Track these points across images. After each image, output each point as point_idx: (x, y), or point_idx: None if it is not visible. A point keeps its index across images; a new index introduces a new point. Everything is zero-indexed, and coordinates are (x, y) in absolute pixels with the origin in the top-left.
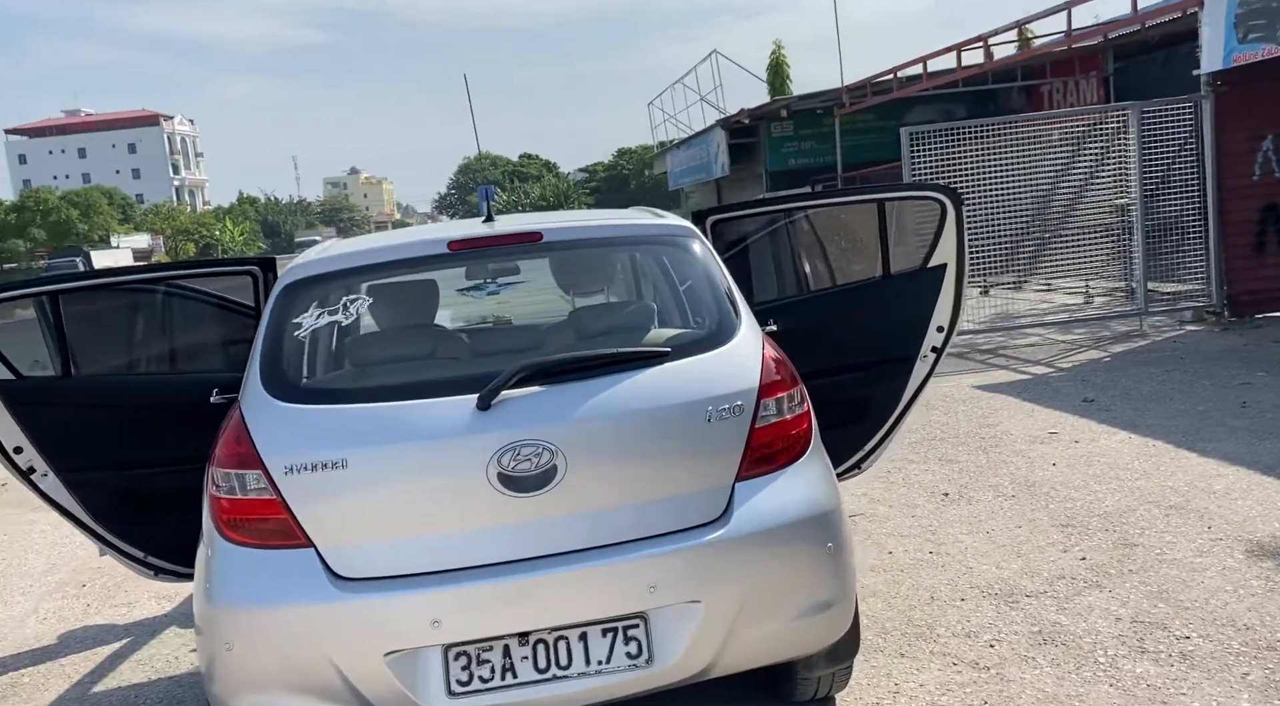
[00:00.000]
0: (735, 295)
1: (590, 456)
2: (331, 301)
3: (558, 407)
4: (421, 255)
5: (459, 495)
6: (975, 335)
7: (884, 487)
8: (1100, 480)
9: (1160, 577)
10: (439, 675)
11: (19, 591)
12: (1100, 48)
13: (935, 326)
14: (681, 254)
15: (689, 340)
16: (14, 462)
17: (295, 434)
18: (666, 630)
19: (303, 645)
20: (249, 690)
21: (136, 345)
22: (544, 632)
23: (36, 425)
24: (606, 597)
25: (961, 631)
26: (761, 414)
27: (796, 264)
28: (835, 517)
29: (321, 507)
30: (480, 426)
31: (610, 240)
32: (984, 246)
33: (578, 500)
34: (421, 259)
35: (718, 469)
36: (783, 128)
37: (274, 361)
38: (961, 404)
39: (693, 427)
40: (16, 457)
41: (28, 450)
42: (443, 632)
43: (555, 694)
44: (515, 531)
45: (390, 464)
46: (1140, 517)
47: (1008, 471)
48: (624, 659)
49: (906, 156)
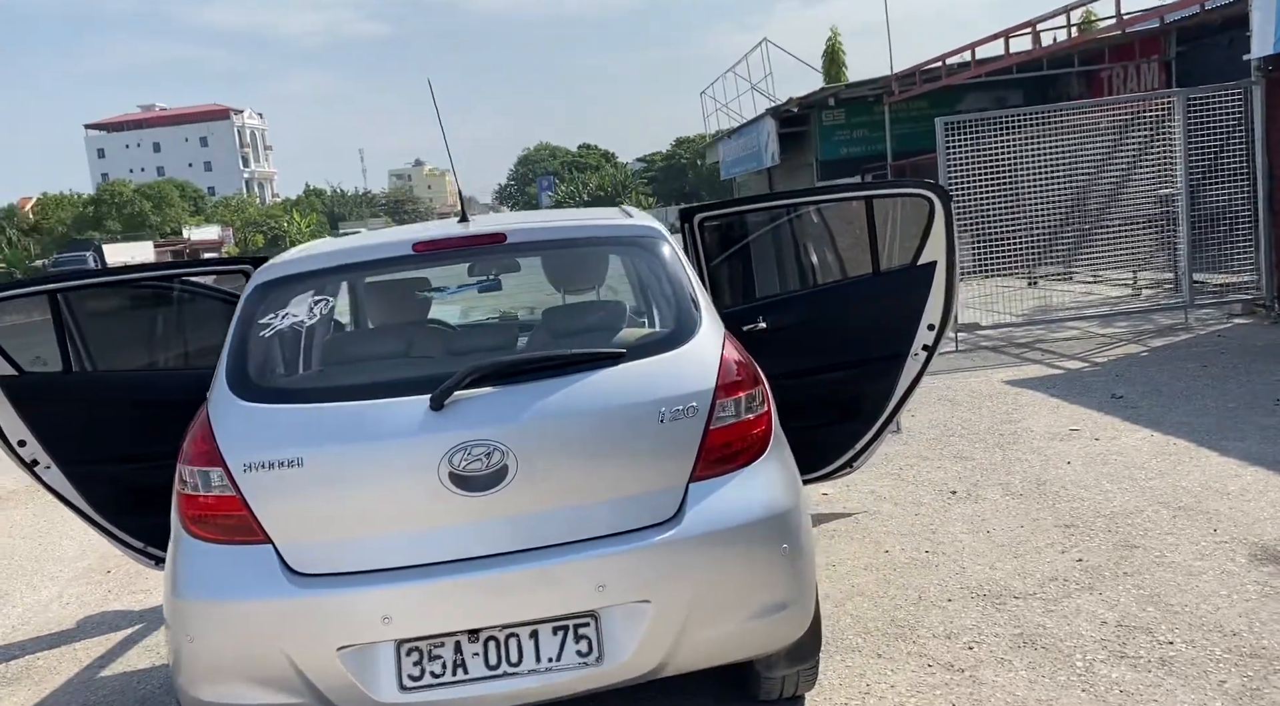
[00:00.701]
0: (698, 296)
1: (541, 457)
2: (297, 302)
3: (509, 408)
4: (387, 257)
5: (411, 494)
6: (1014, 328)
7: (893, 485)
8: (1113, 479)
9: (1155, 581)
10: (391, 670)
11: (49, 576)
12: (1160, 31)
13: (926, 324)
14: (645, 254)
15: (646, 341)
16: (18, 455)
17: (254, 433)
18: (617, 629)
19: (259, 638)
20: (209, 681)
21: (140, 342)
22: (495, 630)
23: (39, 419)
24: (555, 596)
25: (943, 632)
26: (717, 415)
27: (787, 261)
28: (792, 518)
29: (279, 505)
30: (432, 427)
31: (574, 241)
32: (1022, 238)
33: (528, 500)
34: (387, 260)
35: (671, 469)
36: (834, 116)
37: (240, 361)
38: (988, 399)
39: (645, 428)
40: (20, 450)
41: (31, 443)
42: (394, 628)
43: (506, 690)
44: (466, 530)
45: (344, 463)
46: (1147, 519)
47: (1020, 469)
48: (574, 657)
49: (941, 147)
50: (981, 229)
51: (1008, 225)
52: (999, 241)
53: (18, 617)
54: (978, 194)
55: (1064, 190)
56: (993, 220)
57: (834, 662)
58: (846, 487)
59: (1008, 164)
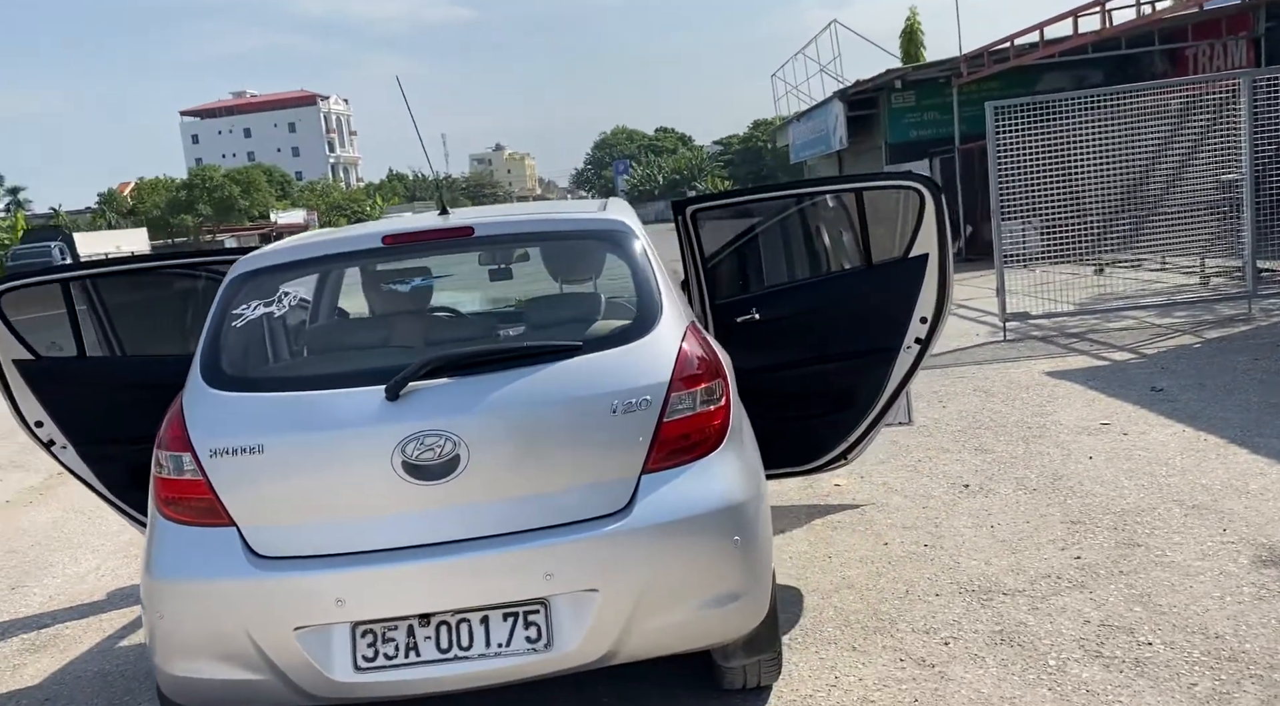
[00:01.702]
0: (662, 290)
1: (492, 447)
2: (269, 293)
3: (463, 399)
4: (358, 249)
5: (366, 481)
6: (1068, 318)
7: (907, 477)
8: (1132, 475)
9: (1148, 580)
10: (346, 650)
11: (91, 549)
12: (1249, 6)
13: (919, 317)
14: (611, 248)
15: (604, 334)
16: (36, 435)
17: (221, 419)
18: (566, 616)
19: (222, 617)
20: (179, 657)
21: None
22: (446, 614)
23: (54, 401)
24: (503, 584)
25: (922, 627)
26: (672, 407)
27: (781, 253)
28: (747, 510)
29: (242, 489)
30: (387, 416)
31: (540, 235)
32: (1076, 224)
33: (479, 489)
34: (358, 252)
35: (623, 461)
36: (904, 98)
37: (213, 350)
38: (1024, 390)
39: (597, 421)
40: (38, 431)
41: (48, 424)
42: (347, 611)
43: (456, 673)
44: (419, 518)
45: (302, 450)
46: (1157, 516)
47: (1040, 464)
48: (523, 642)
49: (991, 132)
50: (1032, 215)
51: (1059, 211)
52: (1052, 228)
53: (56, 588)
54: (1029, 179)
55: (1119, 176)
56: (1044, 206)
57: (808, 654)
58: (861, 479)
59: (1060, 149)
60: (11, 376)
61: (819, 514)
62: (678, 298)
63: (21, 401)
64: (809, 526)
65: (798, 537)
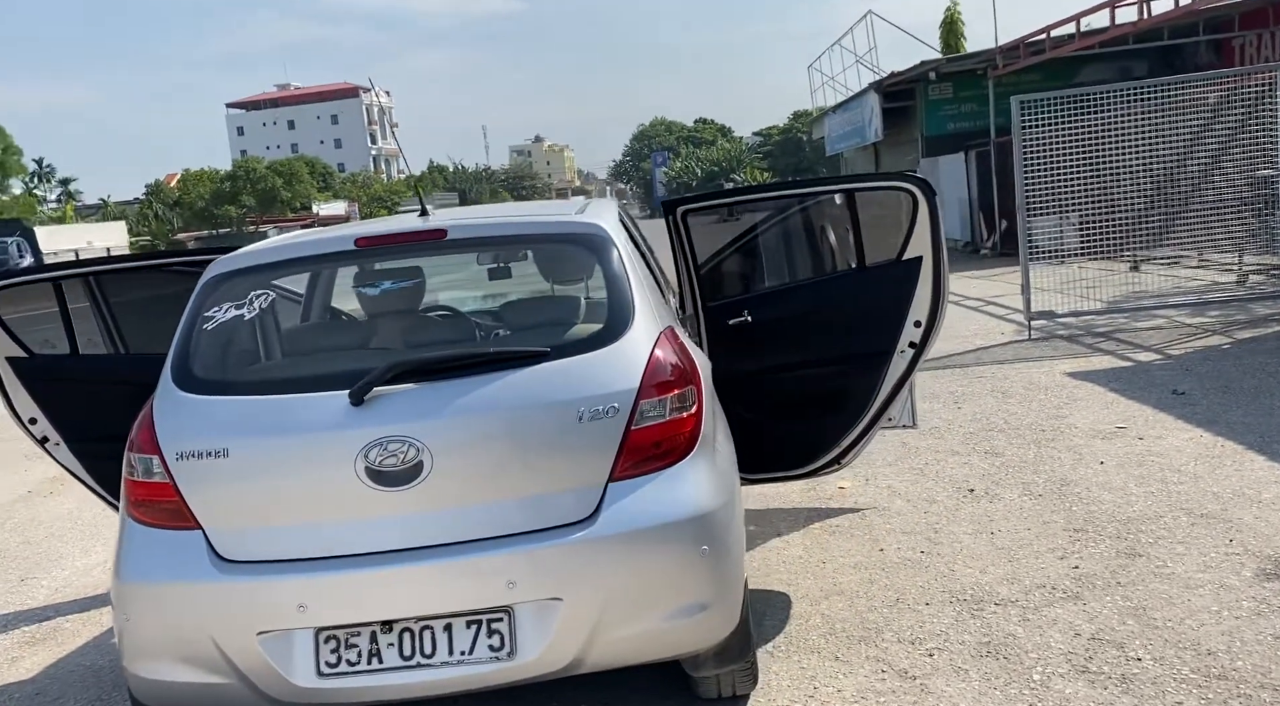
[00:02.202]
0: (634, 293)
1: (456, 454)
2: (240, 296)
3: (427, 405)
4: (329, 251)
5: (329, 487)
6: (1096, 317)
7: (912, 481)
8: (1142, 482)
9: (1146, 593)
10: (309, 656)
11: (103, 541)
12: None
13: (912, 321)
14: (585, 252)
15: (573, 339)
16: (30, 432)
17: (187, 423)
18: (529, 625)
19: (186, 620)
20: (145, 659)
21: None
22: (410, 622)
23: (47, 398)
24: (466, 592)
25: (908, 637)
26: (640, 415)
27: (774, 254)
28: (715, 519)
29: (207, 493)
30: (350, 422)
31: (513, 238)
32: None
33: (443, 496)
34: (330, 255)
35: (589, 469)
36: (941, 90)
37: (183, 353)
38: (1043, 392)
39: (563, 428)
40: (32, 427)
41: (41, 421)
42: (309, 617)
43: (419, 681)
44: (382, 524)
45: (266, 454)
46: (1163, 525)
47: (1049, 468)
48: (486, 651)
49: (1016, 126)
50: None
51: (1093, 207)
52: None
53: (63, 580)
54: (1061, 174)
55: (1151, 171)
56: (1075, 202)
57: (789, 663)
58: (866, 482)
59: (1091, 143)
60: (5, 373)
61: (819, 517)
62: (655, 301)
63: (15, 398)
64: (807, 530)
65: (794, 542)
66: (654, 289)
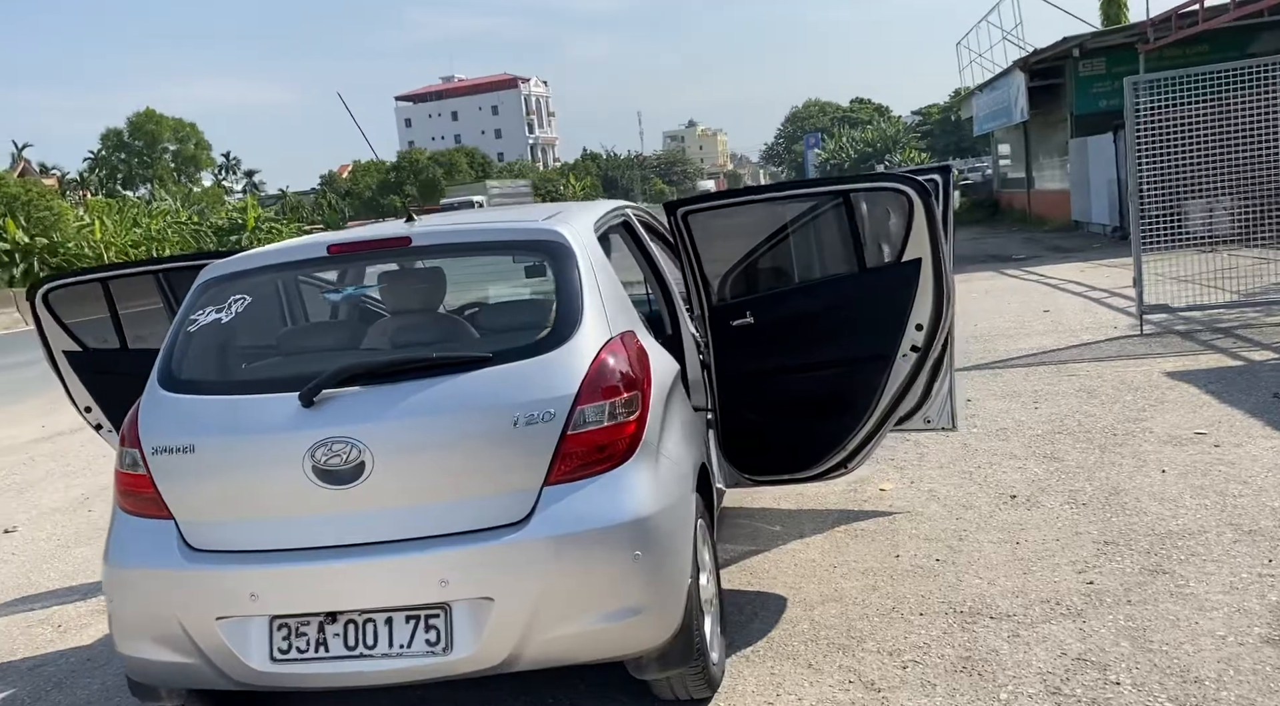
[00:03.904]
0: (585, 300)
1: (396, 455)
2: (221, 299)
3: (371, 408)
4: (305, 258)
5: (280, 484)
6: (1225, 310)
7: (956, 485)
8: (1199, 493)
9: (1153, 613)
10: (264, 641)
11: None
12: None
13: (914, 324)
14: (545, 259)
15: (518, 345)
16: (86, 419)
17: (163, 419)
18: (464, 622)
19: (158, 604)
20: (128, 638)
21: None
22: (354, 614)
23: (100, 389)
24: (402, 588)
25: (889, 648)
26: (577, 421)
27: (776, 256)
28: (650, 526)
29: (177, 485)
30: (300, 422)
31: (477, 245)
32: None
33: (383, 496)
34: (305, 261)
35: (525, 473)
36: (1092, 66)
37: (168, 353)
38: (1132, 392)
39: (498, 432)
40: (87, 416)
41: (95, 410)
42: (261, 605)
43: (360, 671)
44: (327, 520)
45: (226, 451)
46: (1202, 541)
47: (1104, 475)
48: (424, 645)
49: (1130, 110)
50: (1178, 198)
51: (1211, 194)
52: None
53: None
54: (1175, 159)
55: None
56: (1191, 189)
57: (762, 668)
58: (910, 484)
59: (1209, 128)
60: (63, 365)
61: (847, 519)
62: (617, 307)
63: (72, 388)
64: (829, 533)
65: (814, 544)
66: (617, 295)
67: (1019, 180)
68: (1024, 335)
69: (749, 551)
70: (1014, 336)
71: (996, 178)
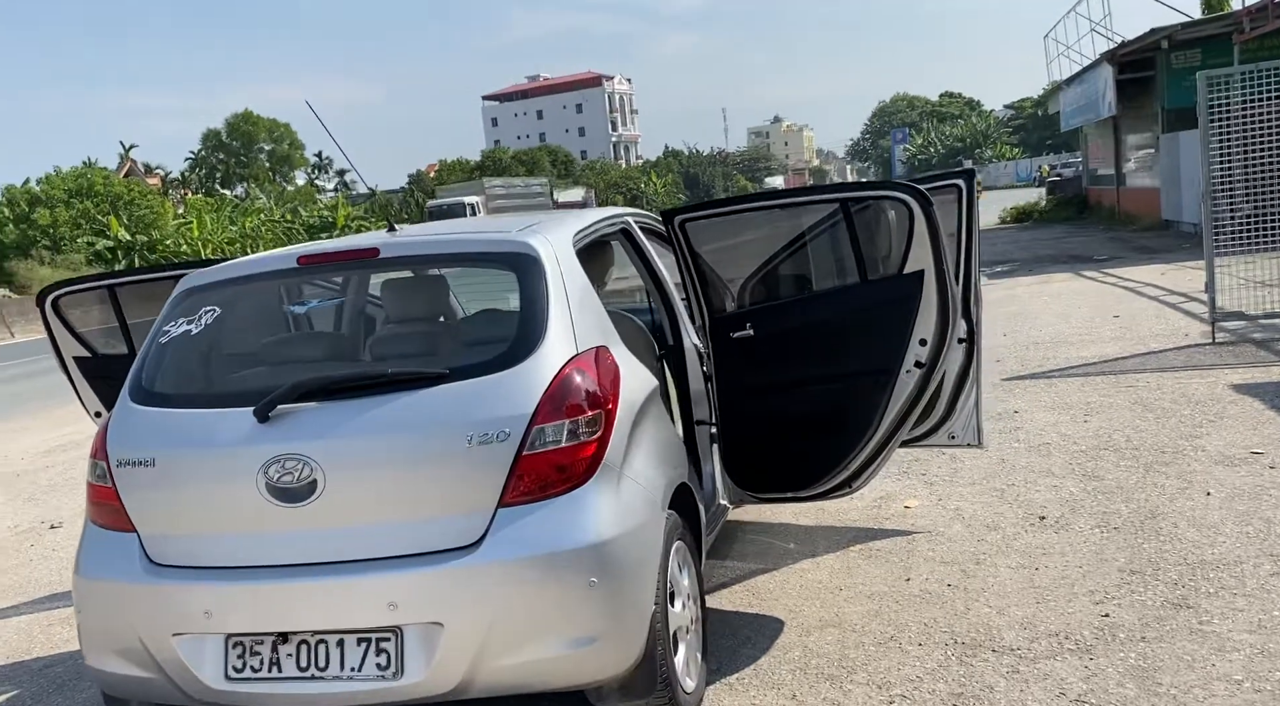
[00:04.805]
0: (550, 316)
1: (348, 474)
2: (192, 311)
3: (323, 425)
4: (276, 269)
5: (235, 500)
6: None
7: (986, 503)
8: (1243, 520)
9: (1168, 652)
10: (219, 659)
11: None
12: None
13: (918, 339)
14: (509, 272)
15: (477, 361)
16: (97, 425)
17: (128, 431)
18: (415, 647)
19: (120, 617)
20: (92, 650)
21: None
22: (306, 635)
23: (109, 394)
24: (351, 610)
25: (879, 681)
26: (533, 440)
27: (776, 266)
28: (608, 551)
29: (140, 498)
30: (255, 438)
31: (444, 257)
32: None
33: (334, 515)
34: (275, 272)
35: (478, 494)
36: (1186, 58)
37: (140, 364)
38: (1191, 406)
39: (452, 452)
40: (98, 421)
41: (105, 414)
42: (214, 623)
43: (311, 692)
44: (280, 539)
45: (182, 466)
46: (1235, 573)
47: (1144, 496)
48: (374, 669)
49: (1203, 105)
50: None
51: None
52: None
53: None
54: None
55: None
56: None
57: (743, 698)
58: (937, 502)
59: None
60: (73, 371)
61: (865, 538)
62: (587, 322)
63: (83, 393)
64: (843, 553)
65: (825, 564)
66: (592, 309)
67: (1108, 177)
68: (1089, 342)
69: (756, 570)
70: (1078, 343)
71: (1085, 174)
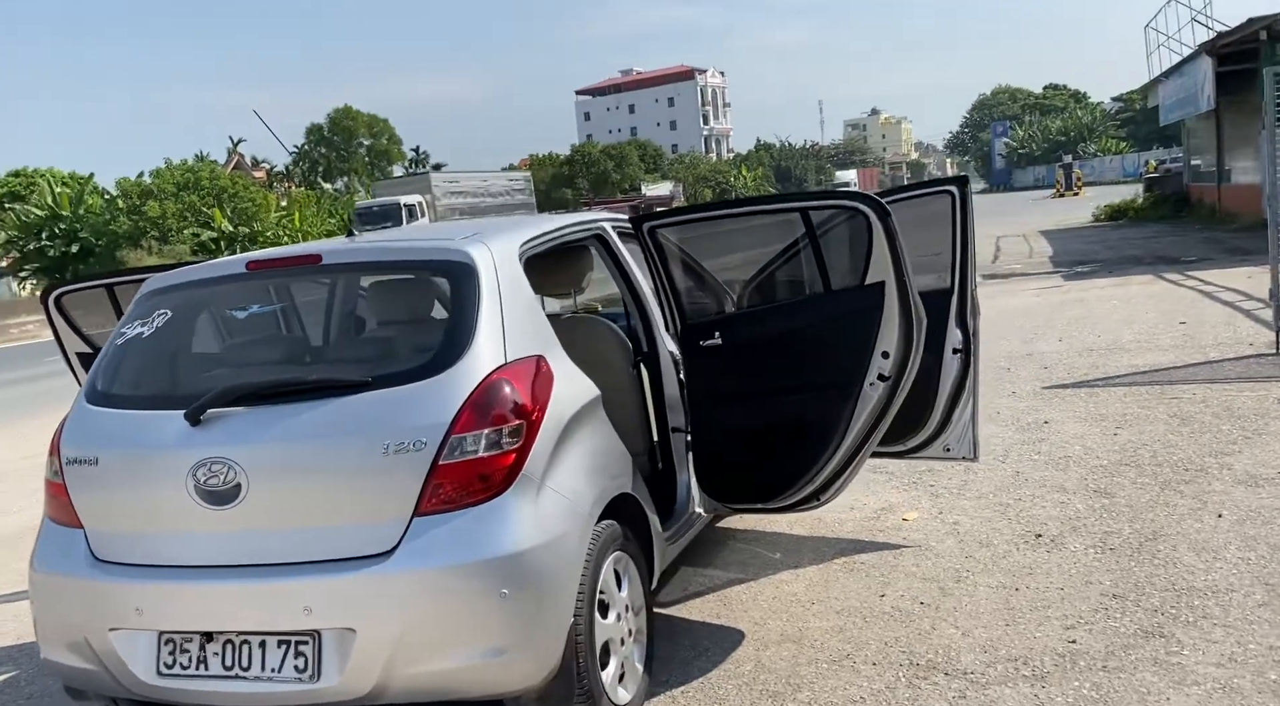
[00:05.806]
0: (480, 325)
1: (269, 479)
2: (147, 314)
3: (249, 429)
4: (225, 274)
5: (167, 501)
6: None
7: (985, 519)
8: (1249, 544)
9: (1123, 684)
10: (151, 655)
11: None
12: None
13: (880, 351)
14: (444, 280)
15: (401, 369)
16: None
17: (78, 430)
18: (331, 651)
19: (65, 610)
20: (44, 642)
21: None
22: (231, 635)
23: None
24: (269, 613)
25: (822, 700)
26: (450, 449)
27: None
28: (522, 563)
29: (85, 496)
30: (186, 441)
31: (384, 265)
32: None
33: (257, 518)
34: (225, 277)
35: (394, 503)
36: None
37: (97, 365)
38: (1233, 420)
39: (369, 460)
40: None
41: None
42: (145, 619)
43: (234, 691)
44: (207, 540)
45: (120, 466)
46: (1222, 601)
47: (1152, 517)
48: (292, 671)
49: (1270, 102)
50: None
51: None
52: None
53: None
54: None
55: None
56: None
57: None
58: (937, 515)
59: None
60: (76, 367)
61: (852, 550)
62: (513, 332)
63: None
64: (825, 565)
65: (804, 576)
66: (528, 319)
67: (1209, 173)
68: (1145, 350)
69: (734, 579)
70: (1134, 351)
71: (1187, 171)
